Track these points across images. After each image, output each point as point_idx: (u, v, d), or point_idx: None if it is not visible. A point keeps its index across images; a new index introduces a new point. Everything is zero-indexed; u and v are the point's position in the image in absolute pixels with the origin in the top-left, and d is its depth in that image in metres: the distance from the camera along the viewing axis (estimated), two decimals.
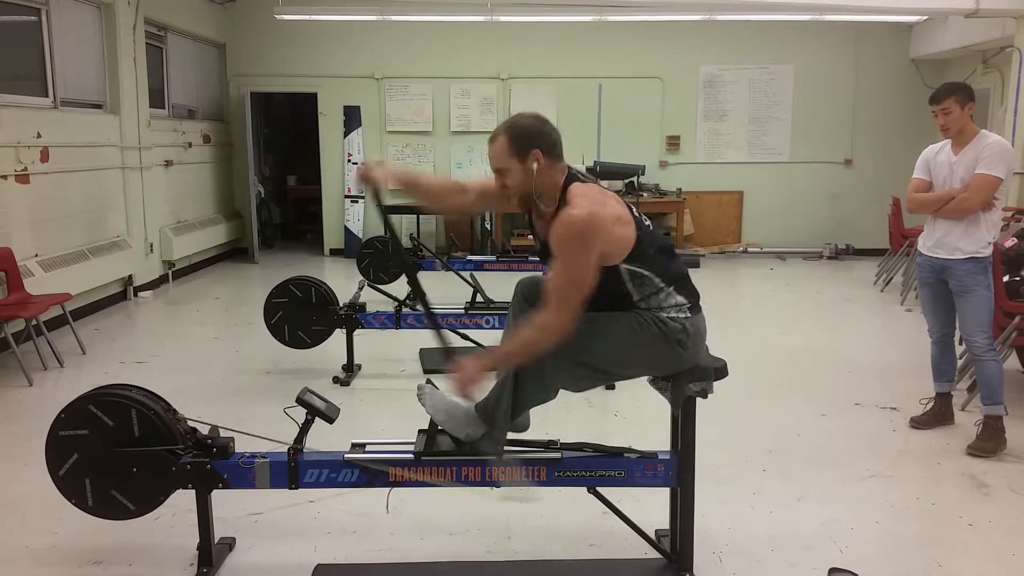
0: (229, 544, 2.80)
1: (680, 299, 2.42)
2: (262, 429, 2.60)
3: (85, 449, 2.53)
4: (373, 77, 9.61)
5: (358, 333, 4.88)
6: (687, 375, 2.43)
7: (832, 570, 2.50)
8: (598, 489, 2.57)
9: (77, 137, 6.37)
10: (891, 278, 7.71)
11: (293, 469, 2.55)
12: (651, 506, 2.91)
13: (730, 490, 3.28)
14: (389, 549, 2.83)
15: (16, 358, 4.75)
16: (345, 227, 9.75)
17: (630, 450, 2.56)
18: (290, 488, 2.57)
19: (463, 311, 4.84)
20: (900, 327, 6.33)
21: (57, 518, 2.93)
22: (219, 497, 2.61)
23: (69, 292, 5.42)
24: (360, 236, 9.40)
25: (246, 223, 9.77)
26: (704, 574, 2.63)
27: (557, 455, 2.53)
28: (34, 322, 5.04)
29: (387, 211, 2.81)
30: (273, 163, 11.32)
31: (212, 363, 5.30)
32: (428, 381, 2.64)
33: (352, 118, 9.62)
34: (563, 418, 3.73)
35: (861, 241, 9.67)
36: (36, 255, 5.71)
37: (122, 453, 2.52)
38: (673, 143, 9.84)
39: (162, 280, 7.99)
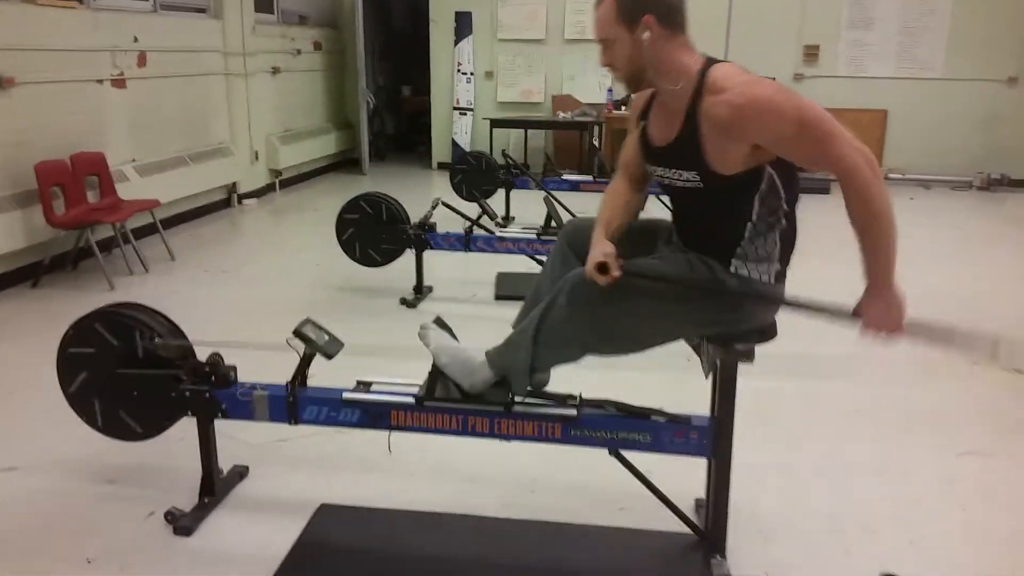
0: (241, 472, 2.71)
1: (776, 263, 2.02)
2: None
3: (92, 368, 2.46)
4: None
5: (441, 253, 4.71)
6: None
7: None
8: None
9: (177, 42, 6.37)
10: None
11: (292, 404, 2.39)
12: (699, 470, 2.58)
13: (799, 456, 2.90)
14: (402, 491, 2.65)
15: (99, 262, 4.87)
16: (453, 140, 9.52)
17: (658, 412, 2.23)
18: (290, 424, 2.41)
19: (535, 236, 4.52)
20: None
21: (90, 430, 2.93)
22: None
23: (158, 199, 5.48)
24: (467, 150, 9.16)
25: (357, 133, 9.71)
26: (741, 557, 2.30)
27: (573, 412, 2.23)
28: (122, 228, 5.14)
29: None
30: (389, 72, 11.16)
31: (290, 276, 5.28)
32: (437, 319, 2.39)
33: (463, 25, 9.25)
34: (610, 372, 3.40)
35: (1020, 171, 8.53)
36: (133, 160, 5.81)
37: (125, 375, 2.44)
38: (811, 53, 8.91)
39: (269, 188, 8.08)
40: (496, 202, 6.39)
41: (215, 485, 2.54)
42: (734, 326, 2.02)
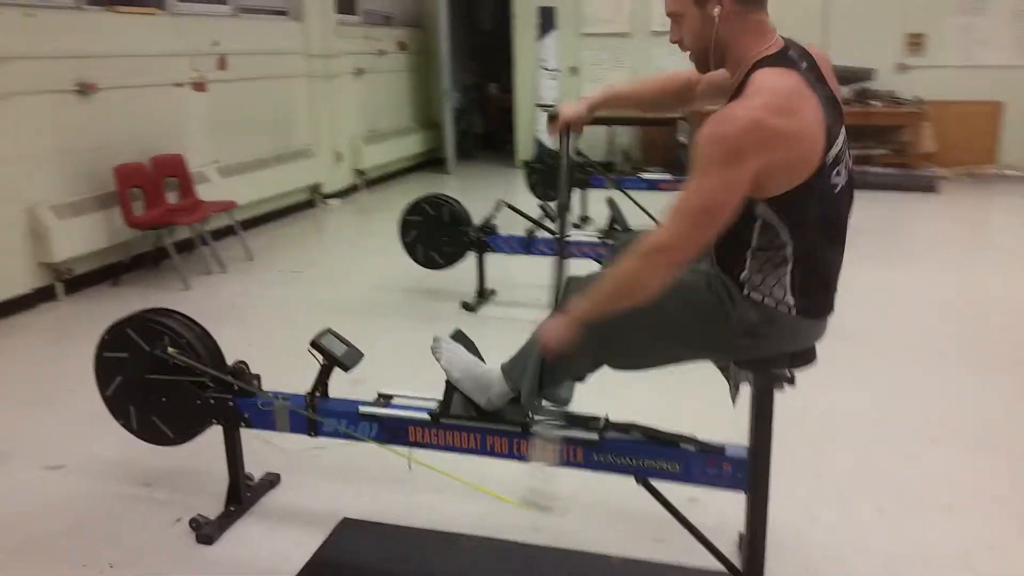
0: (272, 480, 2.69)
1: (790, 298, 1.74)
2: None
3: (125, 373, 2.49)
4: None
5: (510, 256, 4.63)
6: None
7: None
8: None
9: (258, 45, 6.49)
10: None
11: (311, 416, 2.34)
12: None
13: (862, 484, 2.65)
14: (430, 507, 2.57)
15: (175, 262, 5.00)
16: (536, 138, 9.39)
17: (689, 439, 2.05)
18: (310, 435, 2.37)
19: (599, 239, 4.35)
20: None
21: None
22: None
23: (235, 200, 5.58)
24: (551, 148, 9.03)
25: (442, 133, 9.72)
26: None
27: (595, 436, 2.09)
28: (201, 228, 5.27)
29: (571, 162, 2.25)
30: (476, 71, 11.14)
31: (360, 277, 5.31)
32: (456, 332, 2.28)
33: (546, 20, 9.07)
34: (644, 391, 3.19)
35: None
36: (215, 161, 5.95)
37: (155, 380, 2.45)
38: (915, 42, 8.34)
39: (354, 188, 8.18)
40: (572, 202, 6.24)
41: (241, 493, 2.52)
42: (752, 352, 1.82)
